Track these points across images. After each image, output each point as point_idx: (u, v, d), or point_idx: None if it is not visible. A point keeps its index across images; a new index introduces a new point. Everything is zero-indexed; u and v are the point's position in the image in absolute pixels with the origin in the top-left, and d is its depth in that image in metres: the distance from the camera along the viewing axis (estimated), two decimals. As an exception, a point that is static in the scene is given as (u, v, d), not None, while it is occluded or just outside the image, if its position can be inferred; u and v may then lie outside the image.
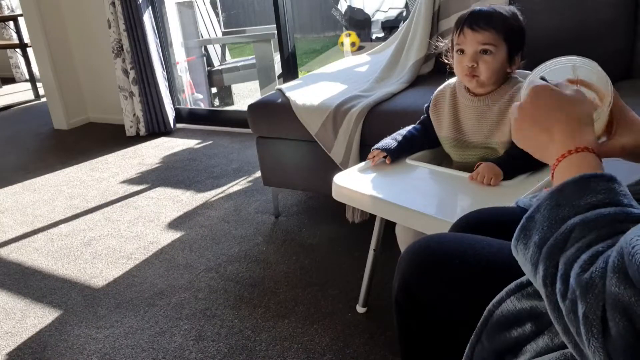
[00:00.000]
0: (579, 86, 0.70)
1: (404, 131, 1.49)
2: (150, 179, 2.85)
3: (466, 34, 1.29)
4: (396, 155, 1.43)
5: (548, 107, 0.64)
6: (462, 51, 1.31)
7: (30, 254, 2.19)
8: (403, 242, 1.53)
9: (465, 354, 0.71)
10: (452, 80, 1.44)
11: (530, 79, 0.75)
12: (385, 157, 1.43)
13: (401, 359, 0.95)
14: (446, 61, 1.40)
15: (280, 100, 2.09)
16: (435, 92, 1.47)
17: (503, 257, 0.79)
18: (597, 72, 0.74)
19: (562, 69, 0.75)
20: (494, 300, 0.68)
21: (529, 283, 0.62)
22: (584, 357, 0.47)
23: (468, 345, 0.71)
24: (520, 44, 1.31)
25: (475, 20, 1.28)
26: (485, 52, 1.28)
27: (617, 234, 0.49)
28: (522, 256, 0.56)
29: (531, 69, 0.79)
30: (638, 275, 0.42)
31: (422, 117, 1.52)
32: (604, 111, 0.71)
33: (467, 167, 1.37)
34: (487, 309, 0.69)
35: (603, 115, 0.72)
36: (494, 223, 0.93)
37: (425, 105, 1.50)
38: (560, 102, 0.64)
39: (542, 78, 0.73)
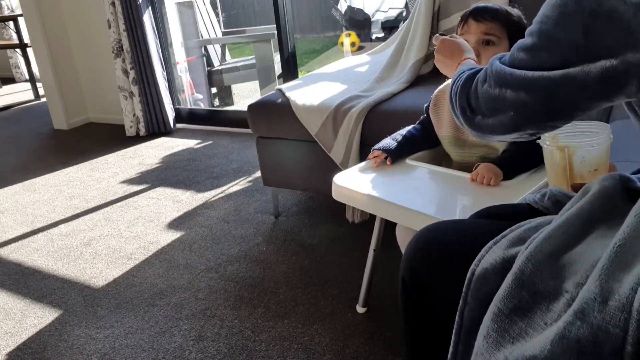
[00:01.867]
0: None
1: (403, 131, 1.49)
2: (150, 179, 2.85)
3: (470, 24, 1.32)
4: (397, 155, 1.43)
5: (447, 49, 1.16)
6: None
7: (30, 254, 2.19)
8: (403, 242, 1.52)
9: (455, 322, 0.74)
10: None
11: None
12: (386, 158, 1.43)
13: (404, 339, 0.97)
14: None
15: (280, 100, 2.09)
16: (435, 91, 1.48)
17: None
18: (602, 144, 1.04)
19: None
20: (475, 260, 0.74)
21: (501, 238, 0.76)
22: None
23: (457, 312, 0.74)
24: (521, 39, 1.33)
25: (480, 12, 1.32)
26: (487, 42, 1.31)
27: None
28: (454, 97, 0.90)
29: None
30: (490, 68, 0.81)
31: (421, 117, 1.52)
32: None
33: (467, 167, 1.37)
34: (470, 270, 0.74)
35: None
36: (503, 219, 0.94)
37: (425, 105, 1.50)
38: (450, 45, 1.16)
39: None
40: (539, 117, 0.76)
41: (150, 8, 3.37)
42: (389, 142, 1.46)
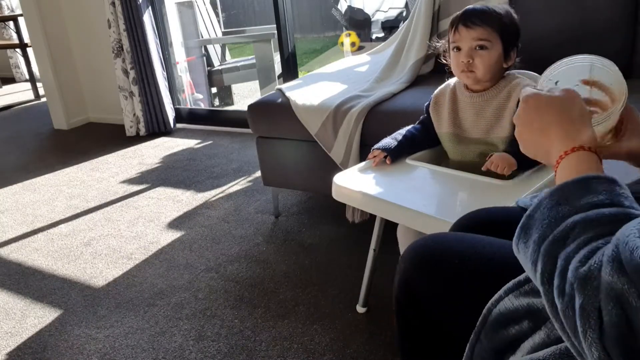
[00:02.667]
0: (592, 88, 0.72)
1: (403, 131, 1.50)
2: (150, 179, 2.85)
3: (461, 31, 1.31)
4: (396, 155, 1.44)
5: (540, 112, 0.64)
6: (458, 48, 1.33)
7: (30, 254, 2.19)
8: (404, 244, 1.53)
9: (465, 354, 0.72)
10: (452, 80, 1.45)
11: (540, 80, 0.76)
12: (385, 157, 1.43)
13: (400, 356, 0.95)
14: (444, 61, 1.42)
15: (280, 100, 2.09)
16: (436, 91, 1.49)
17: (502, 256, 0.79)
18: (613, 73, 0.73)
19: (578, 68, 0.75)
20: (493, 299, 0.68)
21: (526, 281, 0.62)
22: (580, 354, 0.47)
23: (468, 344, 0.71)
24: (514, 40, 1.33)
25: (469, 18, 1.30)
26: (480, 47, 1.30)
27: (616, 231, 0.48)
28: (522, 255, 0.56)
29: (530, 68, 0.79)
30: (630, 262, 0.42)
31: (422, 116, 1.53)
32: (614, 113, 0.71)
33: (465, 165, 1.37)
34: (486, 307, 0.69)
35: (613, 117, 0.71)
36: (494, 223, 0.93)
37: (426, 104, 1.51)
38: (550, 106, 0.64)
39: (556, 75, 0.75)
40: None
41: (150, 8, 3.37)
42: (388, 141, 1.46)
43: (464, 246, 0.84)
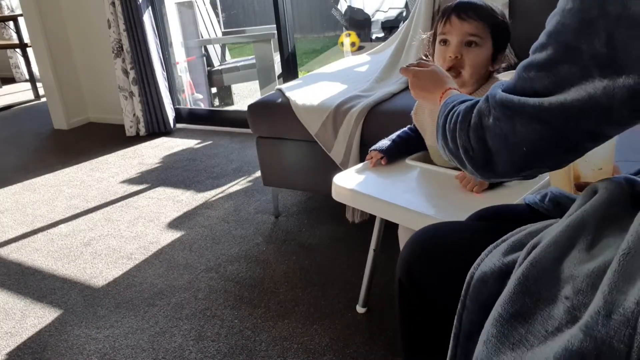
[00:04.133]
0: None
1: (400, 132, 1.50)
2: (150, 179, 2.85)
3: (453, 22, 1.22)
4: (392, 155, 1.43)
5: (424, 81, 1.08)
6: (445, 42, 1.24)
7: (30, 254, 2.19)
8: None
9: (454, 326, 0.73)
10: None
11: None
12: (381, 158, 1.43)
13: (401, 340, 0.97)
14: (424, 57, 1.33)
15: (280, 100, 2.09)
16: (416, 103, 1.41)
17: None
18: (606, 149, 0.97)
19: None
20: (474, 264, 0.73)
21: (502, 241, 0.74)
22: (456, 158, 0.78)
23: (455, 317, 0.73)
24: (505, 43, 1.26)
25: (464, 10, 1.21)
26: (470, 44, 1.22)
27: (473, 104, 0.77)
28: (440, 142, 0.83)
29: None
30: (491, 96, 0.71)
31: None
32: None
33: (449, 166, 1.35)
34: (469, 274, 0.73)
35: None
36: (502, 220, 0.93)
37: (411, 112, 1.46)
38: (425, 74, 1.08)
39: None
40: (557, 150, 0.68)
41: (150, 8, 3.37)
42: (384, 142, 1.46)
43: (465, 234, 0.86)
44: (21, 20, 4.68)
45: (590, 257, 0.62)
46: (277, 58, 3.53)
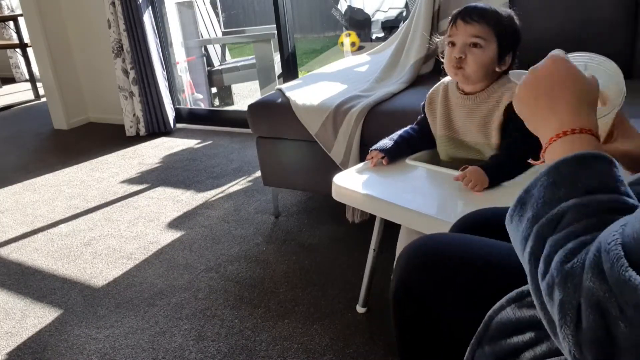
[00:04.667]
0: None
1: (401, 132, 1.50)
2: (150, 179, 2.85)
3: (458, 26, 1.29)
4: (393, 155, 1.43)
5: (561, 78, 0.60)
6: (452, 44, 1.31)
7: (30, 254, 2.19)
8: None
9: (465, 357, 0.72)
10: (446, 79, 1.44)
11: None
12: (382, 158, 1.43)
13: (399, 357, 0.95)
14: (441, 59, 1.39)
15: (280, 100, 2.09)
16: (430, 90, 1.47)
17: (501, 258, 0.79)
18: (609, 74, 0.70)
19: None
20: (495, 307, 0.68)
21: (529, 293, 0.58)
22: (556, 338, 0.49)
23: (469, 348, 0.71)
24: (512, 45, 1.31)
25: (469, 13, 1.28)
26: (475, 45, 1.28)
27: (607, 224, 0.47)
28: (514, 228, 0.56)
29: (528, 69, 0.76)
30: (612, 274, 0.42)
31: (419, 117, 1.52)
32: (609, 115, 0.69)
33: (454, 166, 1.36)
34: (488, 315, 0.69)
35: (608, 118, 0.70)
36: (494, 224, 0.93)
37: (422, 103, 1.50)
38: (574, 78, 0.60)
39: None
40: None
41: (150, 8, 3.37)
42: (386, 142, 1.46)
43: (462, 247, 0.84)
44: (21, 20, 4.68)
45: None
46: (277, 58, 3.53)
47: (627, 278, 0.41)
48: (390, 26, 5.82)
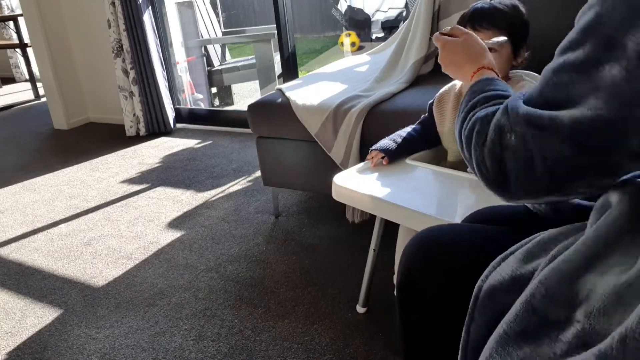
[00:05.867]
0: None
1: (403, 132, 1.50)
2: (150, 179, 2.85)
3: None
4: (394, 156, 1.43)
5: (459, 47, 0.96)
6: None
7: (30, 254, 2.19)
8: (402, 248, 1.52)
9: (462, 338, 0.72)
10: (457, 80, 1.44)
11: None
12: (383, 157, 1.43)
13: (401, 348, 0.96)
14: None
15: (280, 100, 2.09)
16: (441, 90, 1.48)
17: (507, 248, 0.80)
18: None
19: None
20: (482, 276, 0.70)
21: (511, 253, 0.70)
22: (468, 158, 0.72)
23: (464, 328, 0.72)
24: (524, 37, 1.32)
25: (478, 20, 1.28)
26: (489, 50, 1.28)
27: (502, 102, 0.71)
28: (458, 123, 0.78)
29: (535, 66, 0.90)
30: (511, 108, 0.64)
31: (422, 116, 1.52)
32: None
33: (463, 166, 1.37)
34: (477, 285, 0.70)
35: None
36: (500, 220, 0.93)
37: (429, 102, 1.50)
38: (466, 44, 0.96)
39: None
40: (593, 177, 0.58)
41: (150, 8, 3.37)
42: (386, 142, 1.46)
43: (467, 238, 0.85)
44: (21, 20, 4.69)
45: (602, 276, 0.57)
46: (277, 58, 3.53)
47: (518, 107, 0.63)
48: (390, 26, 5.83)
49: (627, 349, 0.49)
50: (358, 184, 1.36)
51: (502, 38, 1.20)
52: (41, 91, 4.82)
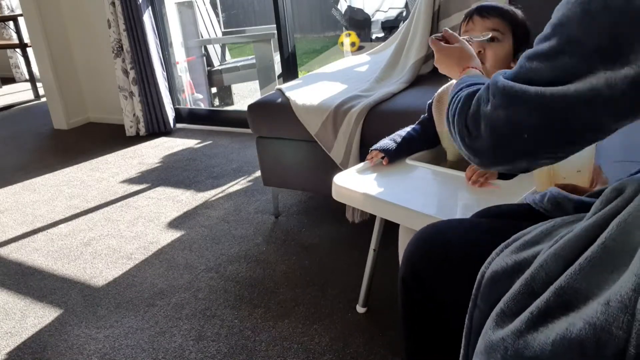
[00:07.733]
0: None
1: (403, 132, 1.49)
2: (150, 179, 2.85)
3: (475, 21, 1.32)
4: (394, 156, 1.43)
5: (450, 52, 1.08)
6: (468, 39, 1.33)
7: (30, 254, 2.19)
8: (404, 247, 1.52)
9: (465, 325, 0.73)
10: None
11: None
12: (382, 157, 1.43)
13: (403, 340, 0.96)
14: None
15: (280, 100, 2.09)
16: (439, 89, 1.48)
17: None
18: (583, 156, 1.01)
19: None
20: (485, 262, 0.73)
21: (514, 240, 0.74)
22: (452, 126, 0.80)
23: (467, 315, 0.73)
24: (525, 40, 1.34)
25: (485, 9, 1.32)
26: (492, 39, 1.30)
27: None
28: (449, 120, 0.83)
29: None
30: (493, 84, 0.71)
31: (422, 116, 1.52)
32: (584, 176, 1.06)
33: (461, 166, 1.37)
34: (480, 272, 0.72)
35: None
36: (509, 217, 0.94)
37: (429, 102, 1.50)
38: (450, 51, 1.08)
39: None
40: (556, 142, 0.67)
41: (150, 8, 3.37)
42: (386, 142, 1.46)
43: (469, 233, 0.87)
44: (21, 20, 4.69)
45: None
46: (277, 58, 3.53)
47: (497, 80, 0.70)
48: (390, 26, 5.83)
49: (611, 309, 0.54)
50: (358, 184, 1.36)
51: (489, 35, 1.28)
52: (41, 91, 4.82)
